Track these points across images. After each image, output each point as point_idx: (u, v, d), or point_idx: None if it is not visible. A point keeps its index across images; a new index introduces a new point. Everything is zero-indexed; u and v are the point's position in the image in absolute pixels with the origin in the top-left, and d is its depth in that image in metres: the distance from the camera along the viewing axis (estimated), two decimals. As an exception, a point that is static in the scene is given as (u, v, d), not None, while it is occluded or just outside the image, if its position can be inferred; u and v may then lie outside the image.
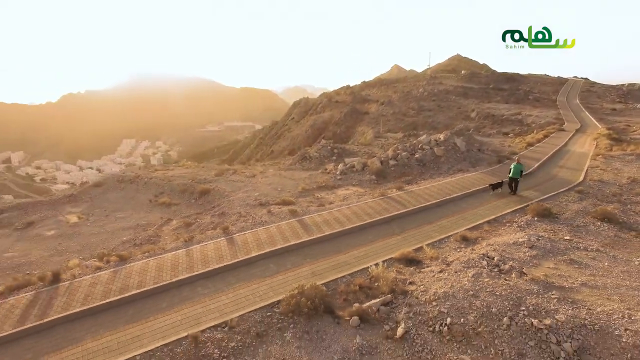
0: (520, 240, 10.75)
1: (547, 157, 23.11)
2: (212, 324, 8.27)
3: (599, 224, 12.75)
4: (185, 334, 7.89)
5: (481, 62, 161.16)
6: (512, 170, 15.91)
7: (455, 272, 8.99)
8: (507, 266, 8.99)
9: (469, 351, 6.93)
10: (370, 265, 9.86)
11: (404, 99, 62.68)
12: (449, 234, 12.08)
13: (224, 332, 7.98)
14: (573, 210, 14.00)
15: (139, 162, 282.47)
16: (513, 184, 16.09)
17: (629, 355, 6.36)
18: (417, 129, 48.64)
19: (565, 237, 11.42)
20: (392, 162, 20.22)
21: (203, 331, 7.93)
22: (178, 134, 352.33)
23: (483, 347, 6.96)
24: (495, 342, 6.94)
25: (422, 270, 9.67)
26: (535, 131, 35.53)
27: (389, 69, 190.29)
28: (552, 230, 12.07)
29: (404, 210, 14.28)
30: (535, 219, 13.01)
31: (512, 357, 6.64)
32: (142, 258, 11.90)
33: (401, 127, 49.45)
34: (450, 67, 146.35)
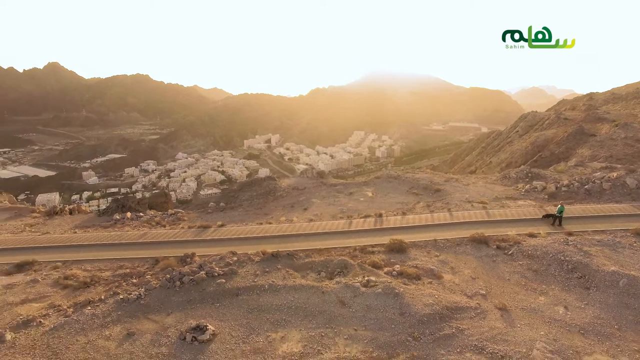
0: (597, 238, 21.65)
1: None
2: (441, 237, 23.88)
3: (679, 245, 21.22)
4: (431, 238, 23.85)
5: None
6: (557, 209, 24.64)
7: (545, 240, 21.57)
8: (571, 244, 20.86)
9: (532, 261, 20.11)
10: (509, 233, 23.28)
11: (646, 122, 60.43)
12: (565, 231, 23.57)
13: (444, 240, 23.47)
14: (670, 236, 22.31)
15: (365, 153, 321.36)
16: (557, 220, 24.59)
17: (590, 273, 18.32)
18: (645, 157, 49.52)
19: (634, 245, 21.23)
20: (564, 189, 30.48)
21: (437, 240, 23.64)
22: (403, 129, 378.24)
23: (538, 260, 20.05)
24: (544, 260, 19.92)
25: (532, 238, 22.44)
26: None
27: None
28: (634, 241, 21.72)
29: (549, 217, 26.01)
30: (631, 234, 22.51)
31: (546, 264, 19.55)
32: (411, 214, 28.77)
33: (627, 154, 51.08)
34: None
